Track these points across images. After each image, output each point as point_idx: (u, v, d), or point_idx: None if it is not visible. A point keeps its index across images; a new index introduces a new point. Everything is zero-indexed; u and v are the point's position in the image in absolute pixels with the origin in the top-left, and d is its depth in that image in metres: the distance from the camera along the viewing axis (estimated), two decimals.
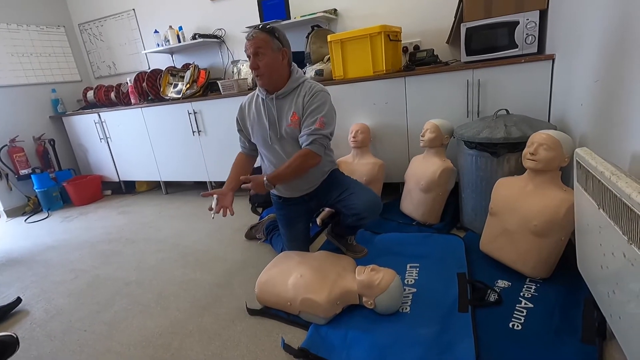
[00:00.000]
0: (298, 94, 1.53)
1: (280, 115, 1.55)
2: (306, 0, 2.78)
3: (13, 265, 2.27)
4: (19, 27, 3.39)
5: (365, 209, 1.55)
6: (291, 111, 1.53)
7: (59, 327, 1.56)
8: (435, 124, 1.92)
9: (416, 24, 2.54)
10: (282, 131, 1.55)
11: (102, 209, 3.23)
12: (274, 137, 1.57)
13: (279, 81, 1.52)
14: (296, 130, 1.53)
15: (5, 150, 3.26)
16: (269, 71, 1.47)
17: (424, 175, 1.94)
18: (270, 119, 1.55)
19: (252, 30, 1.46)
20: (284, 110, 1.54)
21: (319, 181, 1.67)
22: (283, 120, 1.54)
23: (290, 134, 1.54)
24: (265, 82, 1.51)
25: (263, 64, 1.45)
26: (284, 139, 1.56)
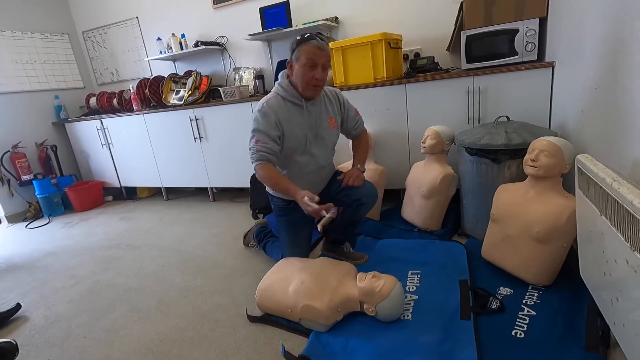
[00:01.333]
0: (326, 99, 1.64)
1: (319, 119, 1.60)
2: (307, 8, 2.81)
3: (13, 271, 2.26)
4: (24, 35, 3.43)
5: (365, 194, 1.61)
6: (328, 116, 1.63)
7: (58, 334, 1.55)
8: (436, 131, 1.93)
9: (417, 31, 2.56)
10: (322, 134, 1.61)
11: (103, 215, 3.23)
12: (312, 141, 1.60)
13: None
14: (333, 133, 1.66)
15: (8, 156, 3.28)
16: (324, 84, 1.55)
17: (425, 182, 1.94)
18: (310, 121, 1.57)
19: (320, 42, 1.44)
20: (320, 115, 1.61)
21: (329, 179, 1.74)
22: (321, 123, 1.61)
23: (328, 137, 1.64)
24: (319, 93, 1.56)
25: (326, 77, 1.51)
26: (321, 142, 1.62)
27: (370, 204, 1.66)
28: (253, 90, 2.97)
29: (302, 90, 1.51)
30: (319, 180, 1.69)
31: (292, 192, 1.47)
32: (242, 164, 2.86)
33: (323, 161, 1.65)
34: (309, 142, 1.58)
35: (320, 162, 1.64)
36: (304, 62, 1.43)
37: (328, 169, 1.73)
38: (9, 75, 3.32)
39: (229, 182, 3.00)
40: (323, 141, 1.63)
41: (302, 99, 1.54)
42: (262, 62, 3.12)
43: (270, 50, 3.05)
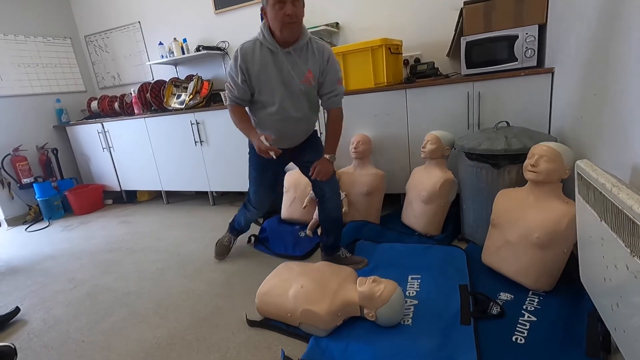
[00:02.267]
0: (309, 51, 1.52)
1: (295, 70, 1.51)
2: (308, 13, 2.79)
3: (12, 274, 2.26)
4: (27, 39, 3.45)
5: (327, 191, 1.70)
6: (307, 68, 1.51)
7: (56, 338, 1.55)
8: (436, 136, 1.93)
9: (417, 37, 2.58)
10: (294, 85, 1.52)
11: (103, 218, 3.23)
12: (288, 91, 1.53)
13: (298, 32, 1.47)
14: (310, 88, 1.55)
15: (9, 159, 3.28)
16: (301, 22, 1.45)
17: (425, 187, 1.95)
18: (284, 69, 1.50)
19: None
20: (297, 65, 1.51)
21: (306, 136, 1.72)
22: (298, 73, 1.51)
23: (304, 89, 1.54)
24: (297, 31, 1.45)
25: (300, 12, 1.41)
26: (292, 94, 1.54)
27: (334, 200, 1.73)
28: None
29: (279, 32, 1.43)
30: (290, 132, 1.63)
31: (247, 133, 1.53)
32: (242, 168, 2.85)
33: (294, 113, 1.57)
34: (278, 90, 1.52)
35: (290, 113, 1.56)
36: (272, 2, 1.37)
37: (302, 124, 1.64)
38: (11, 79, 3.34)
39: (228, 185, 3.00)
40: (295, 94, 1.54)
41: (277, 46, 1.47)
42: None
43: None
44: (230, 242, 2.12)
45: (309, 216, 2.32)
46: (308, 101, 1.60)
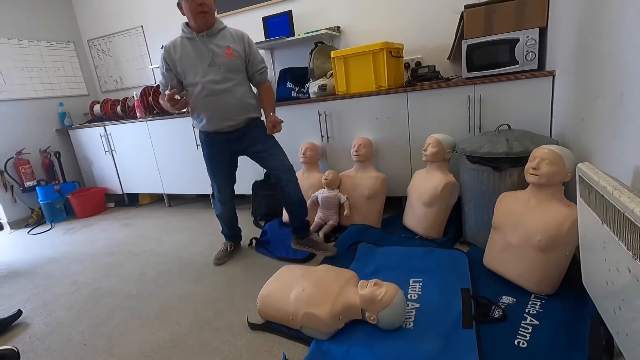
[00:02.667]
0: (226, 34, 1.79)
1: (217, 48, 1.75)
2: (310, 17, 2.85)
3: (15, 277, 2.26)
4: (30, 43, 3.48)
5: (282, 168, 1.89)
6: (225, 46, 1.76)
7: (58, 341, 1.55)
8: (437, 139, 1.94)
9: (417, 40, 2.59)
10: (218, 61, 1.74)
11: (105, 221, 3.24)
12: (207, 66, 1.75)
13: (211, 21, 1.74)
14: (232, 61, 1.77)
15: (12, 163, 3.30)
16: (212, 10, 1.72)
17: (427, 190, 1.95)
18: (202, 52, 1.74)
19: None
20: (216, 45, 1.75)
21: (244, 116, 1.85)
22: (217, 52, 1.75)
23: (227, 64, 1.76)
24: (209, 20, 1.72)
25: (210, 2, 1.70)
26: (217, 68, 1.75)
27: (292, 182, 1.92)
28: None
29: (193, 22, 1.71)
30: (220, 107, 1.79)
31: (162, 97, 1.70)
32: (243, 172, 2.84)
33: (219, 85, 1.76)
34: (200, 69, 1.74)
35: (215, 87, 1.75)
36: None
37: (230, 99, 1.79)
38: (14, 83, 3.36)
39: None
40: (218, 69, 1.74)
41: (194, 33, 1.74)
42: None
43: (272, 58, 3.09)
44: (227, 248, 2.16)
45: (311, 219, 2.32)
46: (232, 73, 1.78)
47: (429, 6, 2.50)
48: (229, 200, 2.08)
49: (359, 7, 2.71)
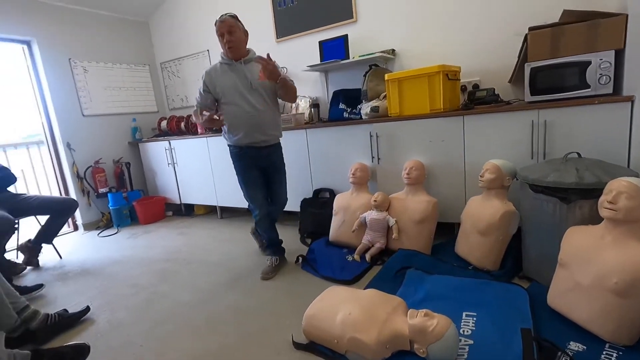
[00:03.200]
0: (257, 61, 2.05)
1: (251, 74, 2.05)
2: (365, 40, 2.91)
3: (85, 275, 2.49)
4: (114, 66, 3.93)
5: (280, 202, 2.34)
6: (257, 71, 2.04)
7: (118, 339, 1.67)
8: (496, 165, 1.84)
9: (475, 63, 2.52)
10: (254, 84, 2.04)
11: (164, 229, 3.47)
12: (247, 88, 2.04)
13: (242, 52, 2.06)
14: (265, 82, 2.04)
15: (90, 171, 3.69)
16: (239, 44, 2.03)
17: (483, 217, 1.85)
18: (241, 76, 2.04)
19: (221, 17, 1.99)
20: (251, 70, 2.05)
21: (275, 133, 2.18)
22: (253, 76, 2.04)
23: (261, 85, 2.05)
24: (234, 52, 2.03)
25: (236, 39, 2.00)
26: (254, 89, 2.04)
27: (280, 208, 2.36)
28: (308, 118, 3.08)
29: (226, 53, 2.05)
30: (257, 123, 2.06)
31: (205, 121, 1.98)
32: (293, 189, 2.93)
33: (258, 105, 2.05)
34: (240, 90, 2.03)
35: (255, 105, 2.04)
36: (217, 35, 2.02)
37: (266, 117, 2.08)
38: (99, 100, 3.80)
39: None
40: (257, 89, 2.04)
41: (232, 60, 2.05)
42: (318, 91, 3.25)
43: (327, 80, 3.18)
44: (273, 263, 2.21)
45: (357, 240, 2.30)
46: (267, 94, 2.08)
47: (489, 29, 2.44)
48: (264, 203, 2.23)
49: (415, 31, 2.71)
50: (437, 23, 2.62)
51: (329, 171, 2.74)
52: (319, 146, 2.73)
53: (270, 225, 2.27)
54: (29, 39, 3.32)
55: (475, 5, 2.47)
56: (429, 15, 2.64)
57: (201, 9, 3.80)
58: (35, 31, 3.31)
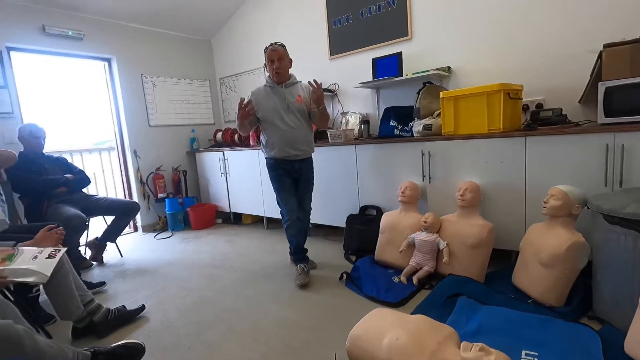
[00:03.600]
0: (298, 86, 2.36)
1: (290, 96, 2.30)
2: (420, 57, 2.87)
3: (141, 274, 2.66)
4: (178, 81, 4.26)
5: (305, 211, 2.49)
6: (296, 94, 2.32)
7: (168, 340, 1.74)
8: (563, 191, 1.70)
9: (539, 81, 2.38)
10: (291, 106, 2.28)
11: (213, 235, 3.62)
12: (285, 109, 2.28)
13: (286, 77, 2.32)
14: (301, 105, 2.31)
15: (152, 177, 3.98)
16: (285, 70, 2.29)
17: (546, 247, 1.70)
18: (281, 98, 2.29)
19: (273, 46, 2.25)
20: (291, 94, 2.31)
21: (307, 149, 2.39)
22: (291, 99, 2.29)
23: (297, 108, 2.30)
24: (280, 77, 2.29)
25: (283, 66, 2.26)
26: (291, 111, 2.28)
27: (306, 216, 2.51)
28: (358, 134, 3.08)
29: (273, 77, 2.29)
30: (291, 139, 2.30)
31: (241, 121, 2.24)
32: (339, 204, 2.94)
33: (292, 124, 2.29)
34: (279, 111, 2.28)
35: (289, 124, 2.29)
36: (266, 61, 2.28)
37: (299, 134, 2.32)
38: (163, 112, 4.12)
39: (324, 219, 3.10)
40: (293, 111, 2.29)
41: (275, 84, 2.30)
42: (369, 107, 3.25)
43: (378, 97, 3.17)
44: (303, 269, 2.33)
45: (405, 261, 2.23)
46: (301, 115, 2.32)
47: (555, 45, 2.30)
48: (295, 208, 2.36)
49: (473, 48, 2.63)
50: (497, 40, 2.52)
51: (377, 188, 2.70)
52: (368, 162, 2.72)
53: (298, 231, 2.38)
54: (110, 56, 3.71)
55: (539, 20, 2.35)
56: (489, 32, 2.55)
57: (260, 29, 4.01)
58: (115, 50, 3.70)
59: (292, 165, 2.36)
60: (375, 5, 3.05)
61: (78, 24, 3.40)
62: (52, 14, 3.24)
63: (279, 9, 3.77)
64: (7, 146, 2.94)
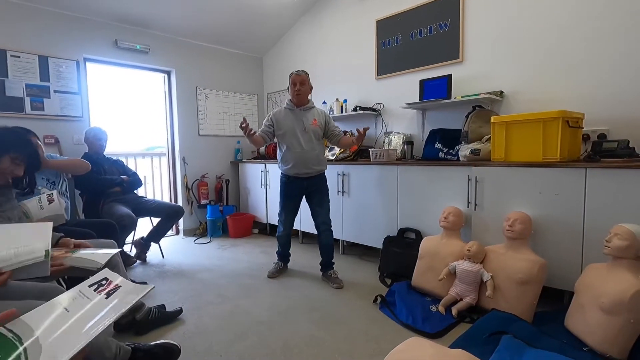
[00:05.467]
0: (314, 111, 2.59)
1: (307, 120, 2.52)
2: (471, 81, 2.81)
3: (179, 277, 2.76)
4: (229, 94, 4.47)
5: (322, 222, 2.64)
6: (312, 118, 2.55)
7: (201, 345, 1.77)
8: (630, 231, 1.55)
9: (603, 110, 2.23)
10: (307, 128, 2.50)
11: (249, 245, 3.69)
12: (300, 131, 2.50)
13: (306, 101, 2.54)
14: (316, 128, 2.54)
15: (196, 183, 4.17)
16: (305, 94, 2.51)
17: (608, 292, 1.55)
18: (298, 120, 2.51)
19: (298, 72, 2.51)
20: (307, 117, 2.53)
21: (318, 168, 2.57)
22: (307, 122, 2.52)
23: (313, 130, 2.52)
24: (301, 100, 2.51)
25: (304, 90, 2.49)
26: (306, 132, 2.50)
27: (327, 231, 2.64)
28: (401, 155, 3.04)
29: (294, 99, 2.52)
30: (304, 159, 2.51)
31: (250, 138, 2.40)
32: (377, 223, 2.89)
33: (306, 146, 2.50)
34: (296, 132, 2.49)
35: (303, 146, 2.49)
36: (290, 84, 2.53)
37: (311, 155, 2.52)
38: (213, 123, 4.33)
39: (360, 238, 3.05)
40: (309, 133, 2.50)
41: (294, 106, 2.53)
42: (414, 129, 3.21)
43: (423, 118, 3.13)
44: (278, 266, 2.79)
45: (444, 290, 2.13)
46: (315, 138, 2.54)
47: (623, 73, 2.15)
48: (288, 226, 2.72)
49: (528, 74, 2.53)
50: (556, 65, 2.40)
51: (417, 211, 2.63)
52: (410, 184, 2.66)
53: (286, 243, 2.78)
54: (170, 69, 3.99)
55: (606, 47, 2.21)
56: (546, 56, 2.44)
57: (308, 48, 4.14)
58: (175, 63, 3.98)
59: (302, 182, 2.58)
60: (426, 28, 3.04)
61: (145, 39, 3.71)
62: (124, 30, 3.56)
63: (328, 29, 3.88)
64: (75, 146, 3.24)
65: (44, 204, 1.88)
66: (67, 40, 3.22)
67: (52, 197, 1.93)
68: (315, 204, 2.63)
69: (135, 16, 3.48)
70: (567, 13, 2.35)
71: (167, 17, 3.59)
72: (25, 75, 3.00)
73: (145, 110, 4.41)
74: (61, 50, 3.18)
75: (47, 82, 3.10)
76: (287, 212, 2.68)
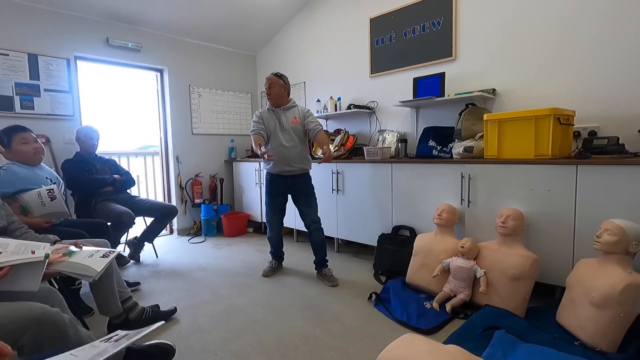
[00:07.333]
0: (295, 109, 2.63)
1: (286, 118, 2.58)
2: (464, 78, 2.82)
3: (174, 276, 2.74)
4: (222, 92, 4.45)
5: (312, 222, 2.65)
6: (292, 117, 2.59)
7: (196, 344, 1.77)
8: (620, 226, 1.57)
9: (593, 107, 2.26)
10: (287, 126, 2.56)
11: (244, 244, 3.68)
12: (280, 129, 2.56)
13: (281, 102, 2.59)
14: (297, 126, 2.58)
15: (190, 182, 4.14)
16: (275, 96, 2.57)
17: (598, 286, 1.57)
18: (279, 119, 2.57)
19: (270, 73, 2.59)
20: (287, 116, 2.59)
21: (300, 166, 2.60)
22: (287, 121, 2.57)
23: (292, 128, 2.57)
24: (272, 101, 2.59)
25: (273, 92, 2.56)
26: (286, 130, 2.56)
27: (318, 230, 2.65)
28: (394, 152, 3.05)
29: (269, 102, 2.62)
30: (284, 156, 2.54)
31: (254, 148, 2.46)
32: (372, 221, 2.90)
33: (287, 143, 2.54)
34: (276, 130, 2.55)
35: (284, 144, 2.54)
36: (265, 89, 2.62)
37: (293, 152, 2.56)
38: (206, 122, 4.31)
39: (355, 236, 3.06)
40: (288, 131, 2.56)
41: (274, 108, 2.60)
42: (407, 127, 3.22)
43: (417, 116, 3.14)
44: (272, 265, 2.80)
45: (438, 287, 2.14)
46: (296, 135, 2.58)
47: (614, 71, 2.18)
48: (277, 226, 2.75)
49: (520, 72, 2.55)
50: (548, 63, 2.43)
51: (412, 209, 2.64)
52: (404, 182, 2.67)
53: (278, 242, 2.80)
54: (162, 67, 3.95)
55: (597, 44, 2.24)
56: (538, 55, 2.47)
57: (302, 46, 4.13)
58: (168, 61, 3.94)
59: (285, 180, 2.61)
60: (419, 26, 3.05)
61: (137, 37, 3.67)
62: (116, 28, 3.52)
63: (322, 27, 3.87)
64: (66, 146, 3.20)
65: (45, 200, 1.84)
66: (57, 38, 3.17)
67: (54, 193, 1.89)
68: (302, 204, 2.65)
69: (126, 14, 3.44)
70: (558, 12, 2.37)
71: (159, 14, 3.56)
72: (14, 74, 2.95)
73: (138, 109, 4.36)
74: (51, 48, 3.14)
75: (37, 80, 3.06)
76: (274, 210, 2.71)
